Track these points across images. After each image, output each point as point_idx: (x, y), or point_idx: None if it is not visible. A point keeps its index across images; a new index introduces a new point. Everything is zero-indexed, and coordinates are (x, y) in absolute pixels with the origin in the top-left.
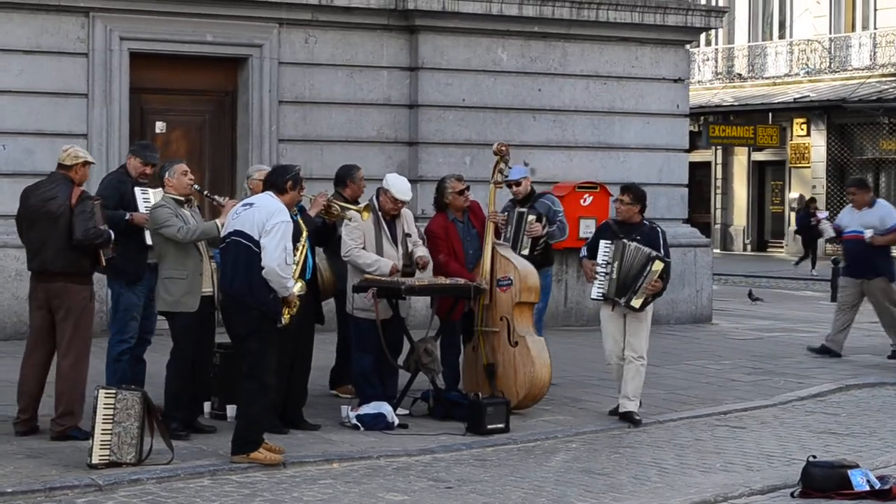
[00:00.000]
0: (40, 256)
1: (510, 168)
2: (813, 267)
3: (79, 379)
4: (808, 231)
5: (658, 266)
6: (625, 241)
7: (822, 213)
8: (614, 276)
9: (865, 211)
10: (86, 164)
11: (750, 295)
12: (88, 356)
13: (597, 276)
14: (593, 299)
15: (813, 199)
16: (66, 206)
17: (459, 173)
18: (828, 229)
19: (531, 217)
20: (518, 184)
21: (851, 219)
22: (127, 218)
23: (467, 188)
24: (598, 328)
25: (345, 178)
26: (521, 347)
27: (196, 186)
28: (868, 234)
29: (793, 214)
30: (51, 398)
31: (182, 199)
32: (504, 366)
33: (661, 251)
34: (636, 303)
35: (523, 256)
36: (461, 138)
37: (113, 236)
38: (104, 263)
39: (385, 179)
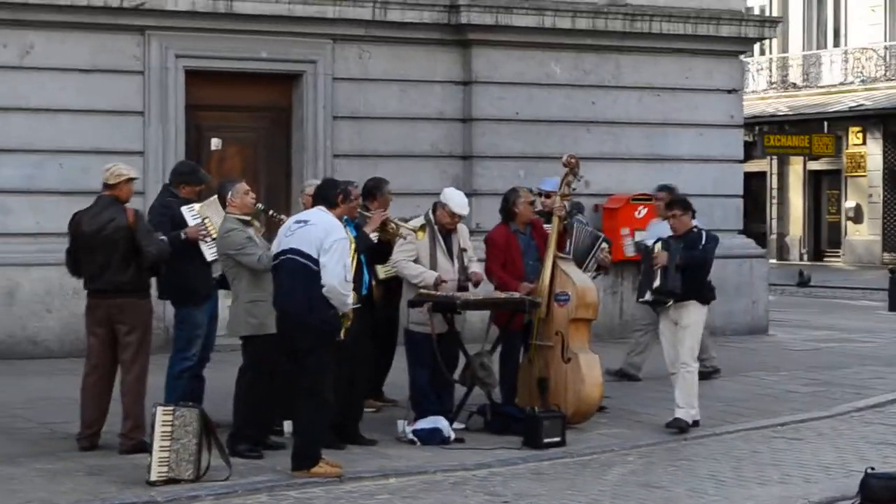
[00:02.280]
0: (103, 277)
1: (580, 180)
2: None
3: (144, 393)
4: None
5: (658, 245)
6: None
7: None
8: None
9: None
10: (129, 180)
11: (801, 275)
12: (147, 370)
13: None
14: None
15: None
16: (124, 228)
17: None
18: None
19: (605, 245)
20: (548, 196)
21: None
22: (183, 238)
23: (534, 200)
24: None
25: (374, 191)
26: (574, 364)
27: (259, 205)
28: None
29: (849, 223)
30: (112, 415)
31: (247, 218)
32: (556, 381)
33: (700, 249)
34: (657, 282)
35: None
36: (515, 151)
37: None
38: (161, 274)
39: (443, 193)
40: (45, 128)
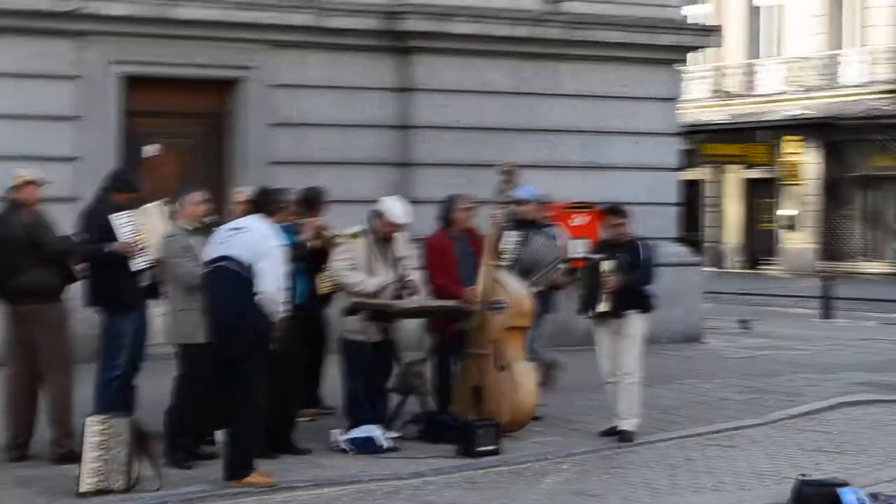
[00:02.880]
0: (11, 282)
1: (515, 188)
2: None
3: (69, 399)
4: None
5: (606, 265)
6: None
7: None
8: (581, 291)
9: None
10: (28, 183)
11: (741, 322)
12: (70, 374)
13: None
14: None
15: None
16: (21, 228)
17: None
18: None
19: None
20: (525, 203)
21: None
22: (107, 251)
23: (473, 206)
24: (588, 348)
25: (313, 200)
26: (508, 372)
27: (206, 219)
28: None
29: (785, 232)
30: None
31: (192, 227)
32: (490, 390)
33: (640, 261)
34: (603, 307)
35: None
36: (455, 159)
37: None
38: (77, 278)
39: (382, 202)
40: None
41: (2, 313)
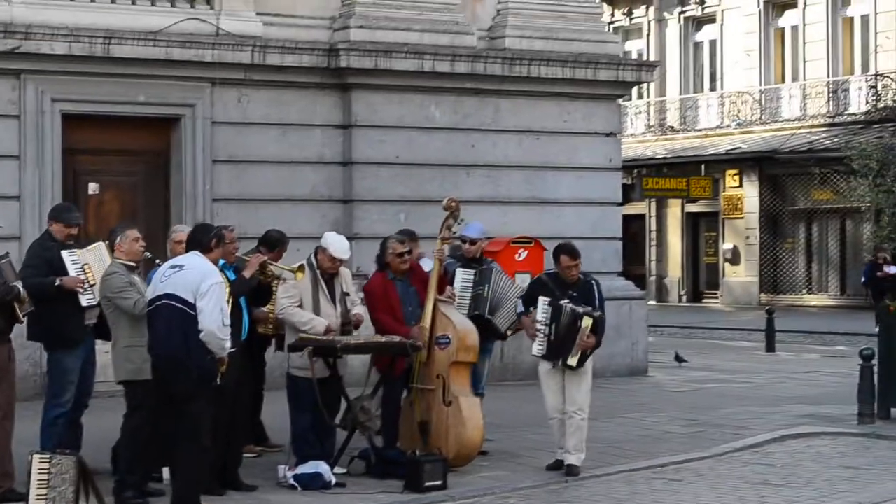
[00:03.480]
0: None
1: (460, 223)
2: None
3: (7, 439)
4: (876, 283)
5: (587, 322)
6: (561, 303)
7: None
8: (552, 337)
9: None
10: None
11: (676, 357)
12: (13, 416)
13: (538, 333)
14: (535, 356)
15: (880, 248)
16: None
17: (403, 235)
18: None
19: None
20: (473, 242)
21: None
22: (57, 284)
23: (409, 251)
24: (534, 383)
25: (277, 243)
26: (454, 408)
27: (147, 254)
28: None
29: (727, 265)
30: None
31: (132, 264)
32: (437, 425)
33: (597, 304)
34: (572, 361)
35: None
36: (396, 195)
37: (23, 292)
38: (21, 320)
39: (324, 238)
40: None
41: None
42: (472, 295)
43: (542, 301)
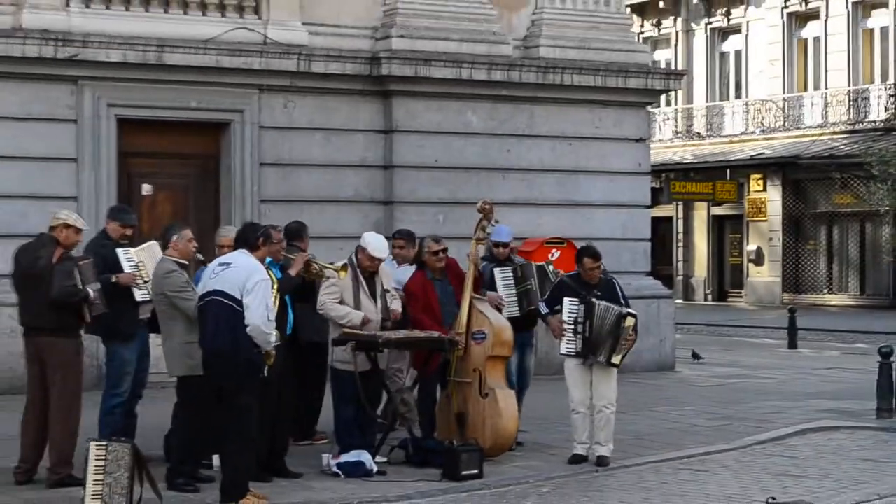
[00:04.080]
0: (29, 313)
1: (494, 225)
2: None
3: (71, 429)
4: None
5: (630, 321)
6: (593, 300)
7: None
8: (587, 334)
9: None
10: (67, 226)
11: (693, 354)
12: (79, 407)
13: (565, 332)
14: (562, 355)
15: None
16: (45, 267)
17: (437, 234)
18: None
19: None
20: (505, 245)
21: None
22: (113, 280)
23: (444, 250)
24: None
25: (297, 233)
26: (491, 399)
27: (199, 255)
28: None
29: (751, 265)
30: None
31: (185, 262)
32: (473, 416)
33: (622, 301)
34: (616, 359)
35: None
36: (434, 197)
37: (93, 295)
38: (88, 320)
39: (363, 238)
40: None
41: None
42: (518, 291)
43: (569, 301)
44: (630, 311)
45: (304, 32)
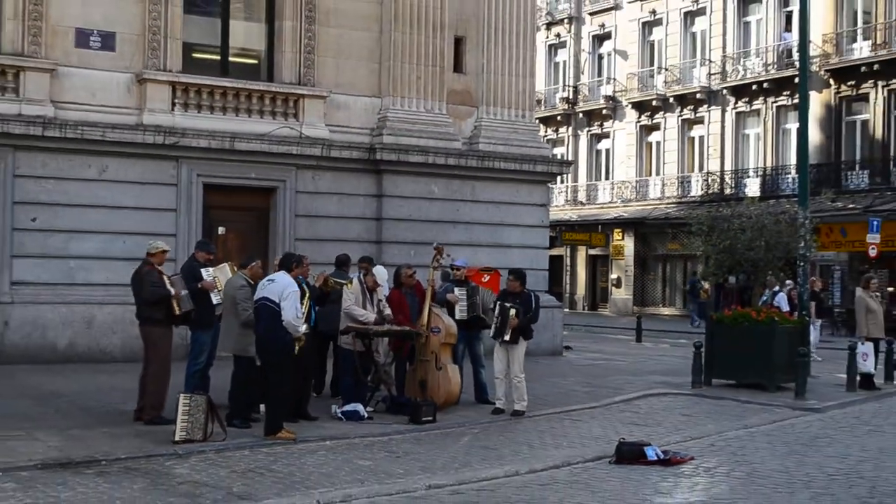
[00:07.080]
0: (139, 311)
1: (447, 258)
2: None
3: (160, 385)
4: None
5: (512, 312)
6: (506, 304)
7: None
8: (497, 324)
9: None
10: (163, 252)
11: (565, 347)
12: (168, 371)
13: (493, 324)
14: (492, 338)
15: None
16: (137, 278)
17: (409, 263)
18: None
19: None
20: (459, 269)
21: None
22: (199, 285)
23: (413, 273)
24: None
25: (345, 261)
26: (444, 372)
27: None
28: None
29: (613, 287)
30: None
31: (252, 282)
32: (431, 382)
33: (532, 307)
34: (507, 336)
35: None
36: (409, 239)
37: (183, 294)
38: (178, 313)
39: (375, 268)
40: (114, 218)
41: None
42: (468, 303)
43: (498, 304)
44: (515, 306)
45: (327, 130)
